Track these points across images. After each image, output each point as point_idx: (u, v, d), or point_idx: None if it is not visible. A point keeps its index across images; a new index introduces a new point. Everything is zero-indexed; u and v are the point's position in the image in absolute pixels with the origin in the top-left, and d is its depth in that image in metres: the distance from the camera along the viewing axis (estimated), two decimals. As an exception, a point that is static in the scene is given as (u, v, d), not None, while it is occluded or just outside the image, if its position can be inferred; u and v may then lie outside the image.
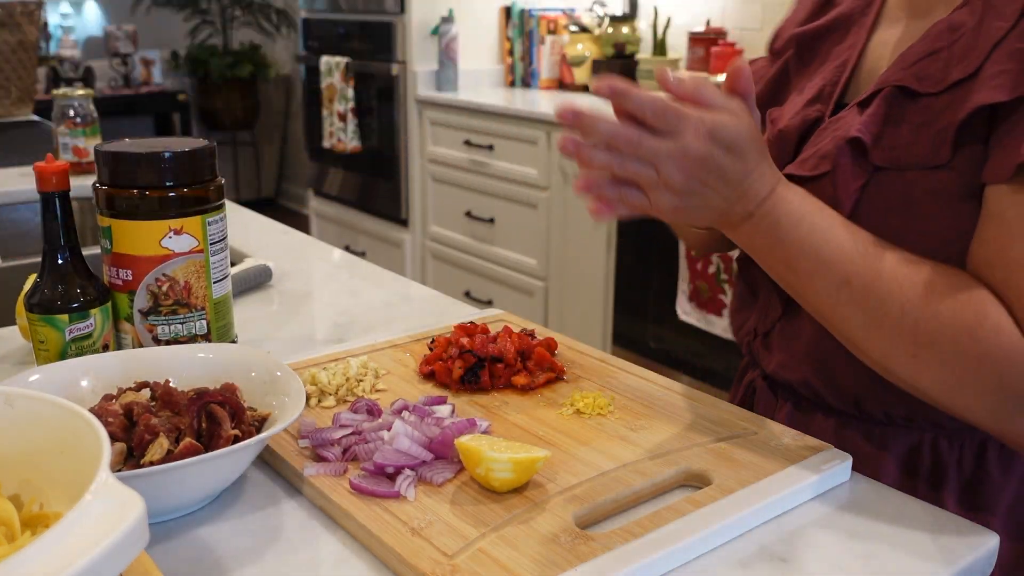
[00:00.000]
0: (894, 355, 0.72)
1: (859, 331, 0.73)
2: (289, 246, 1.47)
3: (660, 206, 0.71)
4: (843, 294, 0.72)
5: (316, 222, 4.30)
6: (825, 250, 0.72)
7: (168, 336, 0.89)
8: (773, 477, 0.72)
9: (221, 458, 0.66)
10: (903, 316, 0.70)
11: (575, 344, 1.00)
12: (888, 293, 0.70)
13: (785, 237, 0.73)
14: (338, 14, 3.85)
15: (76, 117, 1.87)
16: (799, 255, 0.73)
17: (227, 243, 0.93)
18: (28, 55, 2.64)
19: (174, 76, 5.60)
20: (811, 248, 0.72)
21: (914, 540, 0.67)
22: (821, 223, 0.73)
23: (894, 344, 0.71)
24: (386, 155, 3.70)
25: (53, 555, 0.41)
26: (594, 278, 2.94)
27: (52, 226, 0.86)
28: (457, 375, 0.88)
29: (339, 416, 0.79)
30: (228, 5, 5.45)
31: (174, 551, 0.65)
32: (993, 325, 0.67)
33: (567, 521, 0.66)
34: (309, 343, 1.06)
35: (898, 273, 0.71)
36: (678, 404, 0.85)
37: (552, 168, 3.01)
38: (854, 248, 0.72)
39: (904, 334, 0.70)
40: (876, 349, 0.73)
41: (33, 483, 0.55)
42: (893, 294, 0.70)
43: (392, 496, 0.69)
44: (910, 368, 0.71)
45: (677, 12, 3.42)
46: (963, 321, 0.68)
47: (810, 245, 0.72)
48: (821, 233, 0.72)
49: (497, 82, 3.76)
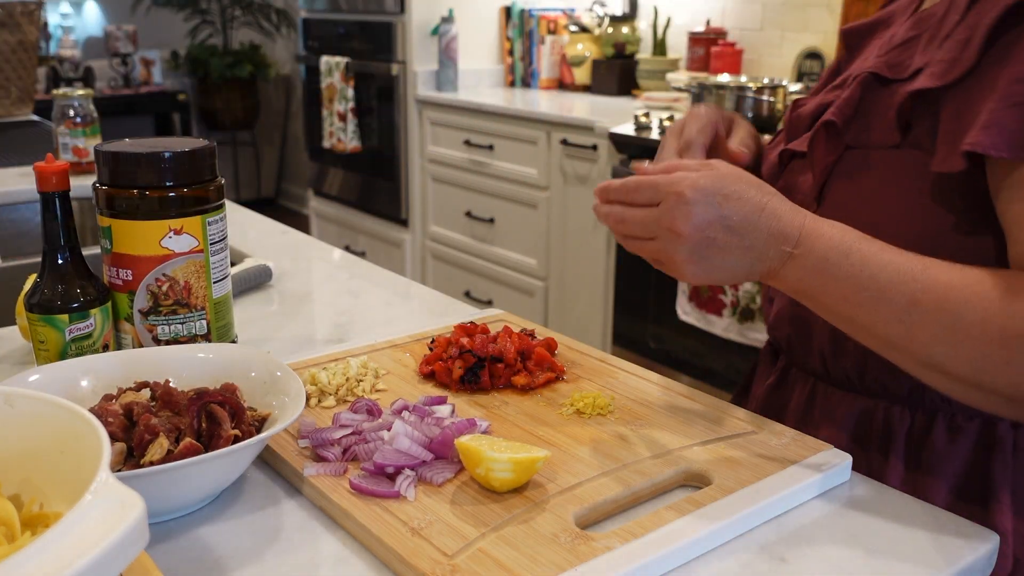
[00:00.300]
0: (986, 366, 0.67)
1: (942, 349, 0.68)
2: (289, 246, 1.47)
3: (682, 275, 0.73)
4: (914, 315, 0.68)
5: (316, 222, 4.30)
6: (883, 275, 0.69)
7: (168, 336, 0.90)
8: (773, 477, 0.72)
9: (221, 458, 0.66)
10: (986, 322, 0.66)
11: (575, 344, 1.00)
12: (963, 302, 0.67)
13: (838, 272, 0.70)
14: (338, 14, 3.85)
15: (76, 117, 1.87)
16: (857, 287, 0.70)
17: (227, 243, 0.93)
18: (28, 55, 2.64)
19: (174, 76, 5.60)
20: (868, 277, 0.69)
21: (914, 540, 0.67)
22: (869, 249, 0.70)
23: (983, 354, 0.67)
24: (386, 155, 3.70)
25: (53, 555, 0.41)
26: (594, 278, 2.94)
27: (52, 226, 0.86)
28: (457, 375, 0.88)
29: (339, 416, 0.79)
30: (228, 5, 5.45)
31: (174, 551, 0.65)
32: None
33: (567, 521, 0.66)
34: (309, 343, 1.06)
35: (965, 280, 0.68)
36: (678, 404, 0.85)
37: (552, 168, 3.01)
38: (911, 266, 0.69)
39: (992, 340, 0.66)
40: (965, 365, 0.68)
41: (33, 483, 0.55)
42: (969, 302, 0.67)
43: (392, 496, 0.69)
44: (1007, 375, 0.67)
45: (677, 12, 3.42)
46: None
47: (867, 274, 0.69)
48: (874, 258, 0.70)
49: (497, 82, 3.76)
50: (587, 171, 2.88)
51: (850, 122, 0.83)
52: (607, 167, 2.77)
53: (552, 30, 3.63)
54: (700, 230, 0.70)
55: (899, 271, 0.69)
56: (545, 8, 3.69)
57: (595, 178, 2.85)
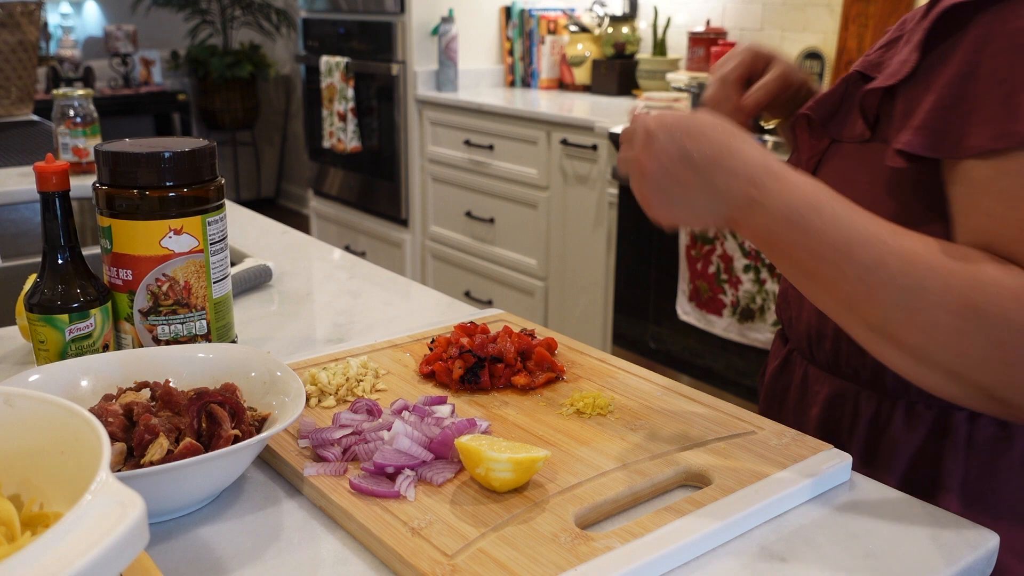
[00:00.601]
0: (938, 335, 0.67)
1: (898, 315, 0.68)
2: (289, 246, 1.47)
3: (651, 212, 0.75)
4: (878, 276, 0.68)
5: (316, 222, 4.30)
6: (853, 234, 0.68)
7: (168, 336, 0.89)
8: (773, 477, 0.72)
9: (221, 458, 0.66)
10: (948, 289, 0.65)
11: (575, 344, 1.00)
12: (928, 269, 0.66)
13: (807, 226, 0.69)
14: (338, 14, 3.85)
15: (76, 117, 1.87)
16: (825, 243, 0.69)
17: (227, 243, 0.93)
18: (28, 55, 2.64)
19: (174, 76, 5.60)
20: (838, 234, 0.69)
21: (914, 540, 0.67)
22: (841, 207, 0.70)
23: (937, 322, 0.66)
24: (386, 155, 3.70)
25: (53, 555, 0.41)
26: (594, 278, 2.94)
27: (52, 226, 0.86)
28: (457, 375, 0.88)
29: (339, 416, 0.79)
30: (228, 5, 5.45)
31: (174, 551, 0.65)
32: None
33: (567, 521, 0.65)
34: (309, 343, 1.06)
35: (931, 249, 0.67)
36: (678, 404, 0.85)
37: (552, 168, 3.01)
38: (881, 230, 0.69)
39: (950, 308, 0.65)
40: (917, 333, 0.68)
41: (33, 483, 0.55)
42: (933, 269, 0.66)
43: (392, 496, 0.69)
44: (955, 346, 0.66)
45: (677, 12, 3.42)
46: (1010, 289, 0.64)
47: (836, 231, 0.69)
48: (846, 216, 0.69)
49: (497, 82, 3.76)
50: (587, 171, 2.88)
51: (830, 116, 0.86)
52: (607, 167, 2.77)
53: (552, 30, 3.63)
54: (662, 165, 0.71)
55: (869, 232, 0.69)
56: (545, 8, 3.69)
57: (595, 178, 2.85)
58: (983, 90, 0.68)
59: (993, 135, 0.67)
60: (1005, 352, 0.65)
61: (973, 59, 0.69)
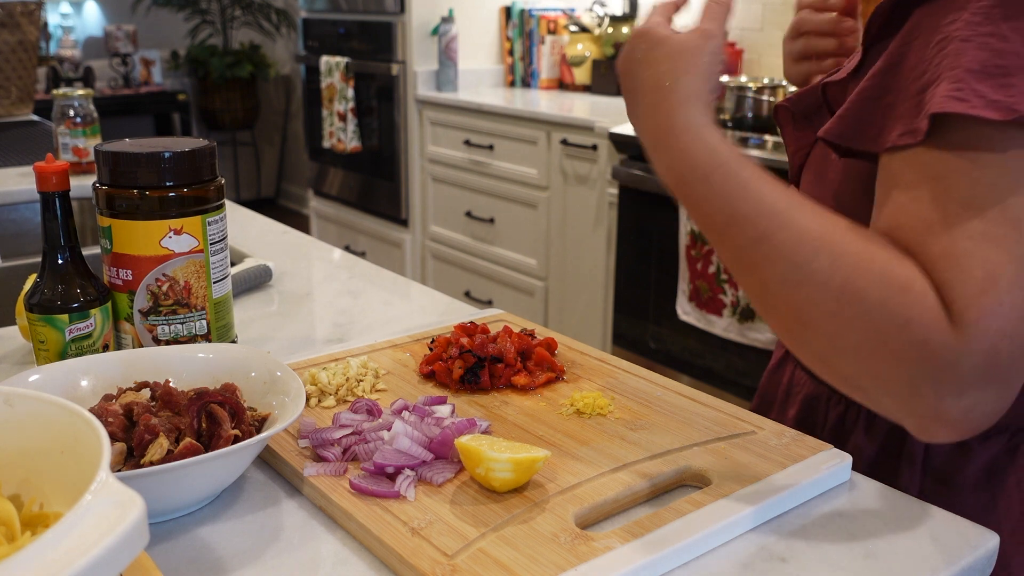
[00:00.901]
0: (813, 314, 0.65)
1: (777, 288, 0.67)
2: (289, 246, 1.47)
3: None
4: (763, 250, 0.67)
5: (316, 222, 4.30)
6: (743, 204, 0.67)
7: (168, 336, 0.89)
8: (773, 477, 0.72)
9: (221, 458, 0.66)
10: (833, 271, 0.64)
11: (575, 344, 1.00)
12: (815, 249, 0.65)
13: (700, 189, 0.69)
14: (338, 14, 3.85)
15: (76, 117, 1.87)
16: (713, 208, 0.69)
17: (227, 243, 0.93)
18: (28, 55, 2.64)
19: (174, 76, 5.60)
20: (726, 201, 0.68)
21: (914, 540, 0.67)
22: (739, 174, 0.68)
23: (814, 300, 0.65)
24: (386, 155, 3.70)
25: (53, 555, 0.41)
26: (594, 278, 2.94)
27: (52, 226, 0.86)
28: (457, 375, 0.88)
29: (339, 416, 0.79)
30: (228, 5, 5.45)
31: (174, 551, 0.65)
32: (921, 289, 0.62)
33: (567, 521, 0.65)
34: (309, 343, 1.06)
35: (825, 229, 0.66)
36: (678, 404, 0.85)
37: (552, 168, 3.01)
38: (775, 204, 0.67)
39: (829, 288, 0.64)
40: (793, 311, 0.66)
41: (33, 483, 0.55)
42: (820, 251, 0.65)
43: (392, 496, 0.69)
44: (827, 328, 0.65)
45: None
46: (896, 279, 0.62)
47: (725, 198, 0.68)
48: (739, 185, 0.68)
49: (497, 82, 3.76)
50: (587, 171, 2.88)
51: (814, 111, 0.86)
52: (607, 167, 2.77)
53: (552, 30, 3.63)
54: (623, 71, 0.76)
55: (760, 204, 0.67)
56: (545, 8, 3.69)
57: (595, 178, 2.85)
58: (903, 83, 0.67)
59: (903, 130, 0.66)
60: (877, 342, 0.62)
61: (900, 51, 0.68)
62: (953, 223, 0.62)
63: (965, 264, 0.60)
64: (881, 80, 0.69)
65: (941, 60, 0.64)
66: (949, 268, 0.61)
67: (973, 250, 0.61)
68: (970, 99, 0.61)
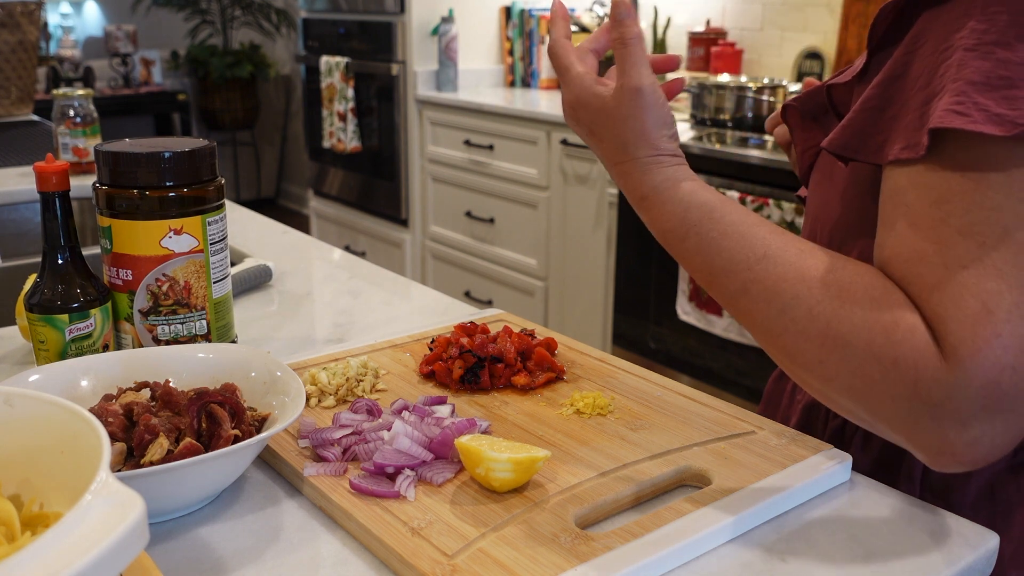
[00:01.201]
0: (801, 360, 0.65)
1: (762, 336, 0.68)
2: (289, 246, 1.47)
3: None
4: (743, 303, 0.68)
5: (316, 222, 4.30)
6: (717, 261, 0.69)
7: (168, 336, 0.89)
8: (773, 477, 0.72)
9: (221, 458, 0.66)
10: (811, 319, 0.64)
11: (575, 344, 1.00)
12: (793, 297, 0.65)
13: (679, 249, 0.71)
14: (338, 14, 3.85)
15: (76, 117, 1.87)
16: (693, 268, 0.71)
17: (227, 243, 0.93)
18: (28, 55, 2.64)
19: (174, 76, 5.60)
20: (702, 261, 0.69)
21: (914, 540, 0.67)
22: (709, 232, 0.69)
23: (800, 349, 0.65)
24: (386, 155, 3.70)
25: (53, 555, 0.41)
26: (594, 278, 2.94)
27: (52, 226, 0.86)
28: (457, 375, 0.88)
29: (339, 416, 0.79)
30: (228, 5, 5.45)
31: (174, 551, 0.65)
32: (908, 326, 0.60)
33: (567, 521, 0.65)
34: (309, 343, 1.06)
35: (801, 275, 0.65)
36: (678, 404, 0.85)
37: (552, 168, 3.01)
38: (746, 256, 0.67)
39: (811, 338, 0.64)
40: (782, 357, 0.67)
41: (33, 483, 0.55)
42: (800, 297, 0.64)
43: (392, 496, 0.69)
44: (818, 373, 0.65)
45: (677, 12, 3.42)
46: (879, 323, 0.61)
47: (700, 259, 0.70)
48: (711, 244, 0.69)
49: (497, 82, 3.76)
50: (587, 171, 2.88)
51: (822, 112, 0.85)
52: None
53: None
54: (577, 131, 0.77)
55: (735, 257, 0.68)
56: (545, 8, 3.69)
57: (595, 178, 2.85)
58: (908, 94, 0.64)
59: (904, 144, 0.63)
60: (868, 384, 0.62)
61: (905, 60, 0.65)
62: (947, 253, 0.60)
63: (958, 296, 0.58)
64: (884, 90, 0.67)
65: (945, 71, 0.62)
66: (942, 301, 0.59)
67: (967, 280, 0.58)
68: (971, 113, 0.58)
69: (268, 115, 5.94)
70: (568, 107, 0.76)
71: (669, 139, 0.73)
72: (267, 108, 5.91)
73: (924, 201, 0.62)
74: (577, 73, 0.75)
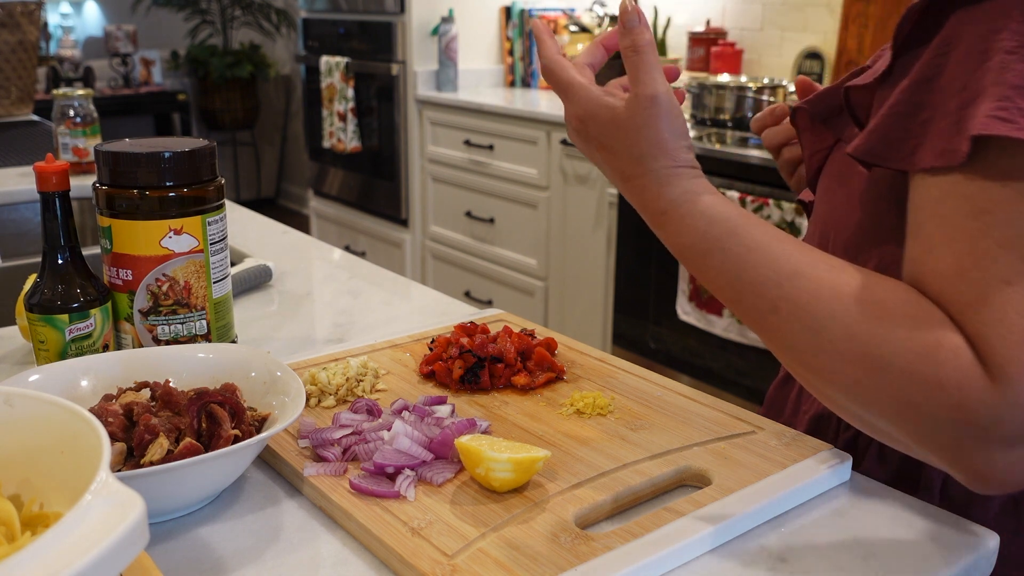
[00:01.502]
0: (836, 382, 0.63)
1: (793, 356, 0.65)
2: (289, 246, 1.47)
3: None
4: (770, 320, 0.65)
5: (316, 222, 4.30)
6: (745, 277, 0.65)
7: (168, 336, 0.89)
8: (773, 477, 0.72)
9: (221, 458, 0.66)
10: (849, 339, 0.61)
11: (575, 344, 1.00)
12: (830, 315, 0.62)
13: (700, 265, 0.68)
14: (338, 14, 3.85)
15: (76, 117, 1.87)
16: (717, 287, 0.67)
17: (227, 243, 0.93)
18: (28, 55, 2.64)
19: (174, 76, 5.60)
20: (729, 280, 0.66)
21: (914, 540, 0.67)
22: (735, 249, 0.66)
23: (835, 371, 0.62)
24: (386, 155, 3.70)
25: (53, 555, 0.41)
26: (594, 278, 2.94)
27: (52, 226, 0.86)
28: (457, 375, 0.88)
29: (339, 416, 0.79)
30: (228, 5, 5.45)
31: (174, 551, 0.65)
32: (952, 346, 0.58)
33: (567, 521, 0.65)
34: (309, 343, 1.06)
35: (835, 293, 0.62)
36: (678, 404, 0.85)
37: (552, 168, 3.01)
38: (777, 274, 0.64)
39: (848, 359, 0.61)
40: (815, 378, 0.64)
41: (33, 483, 0.55)
42: (837, 316, 0.61)
43: (392, 496, 0.69)
44: (854, 394, 0.62)
45: (677, 12, 3.42)
46: (921, 344, 0.58)
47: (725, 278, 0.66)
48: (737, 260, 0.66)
49: (497, 82, 3.76)
50: (587, 171, 2.88)
51: (834, 114, 0.82)
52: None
53: (552, 30, 3.62)
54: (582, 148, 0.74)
55: (765, 273, 0.65)
56: (545, 8, 3.69)
57: (595, 178, 2.85)
58: (942, 98, 0.61)
59: (940, 150, 0.60)
60: (910, 407, 0.59)
61: (937, 62, 0.62)
62: (988, 268, 0.57)
63: (1002, 313, 0.56)
64: (914, 94, 0.64)
65: (983, 74, 0.59)
66: (984, 319, 0.57)
67: (1011, 297, 0.56)
68: (1017, 119, 0.56)
69: (268, 115, 5.94)
70: (575, 121, 0.73)
71: (687, 149, 0.69)
72: (267, 108, 5.91)
73: (962, 212, 0.59)
74: (581, 85, 0.72)
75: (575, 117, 0.73)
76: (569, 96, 0.73)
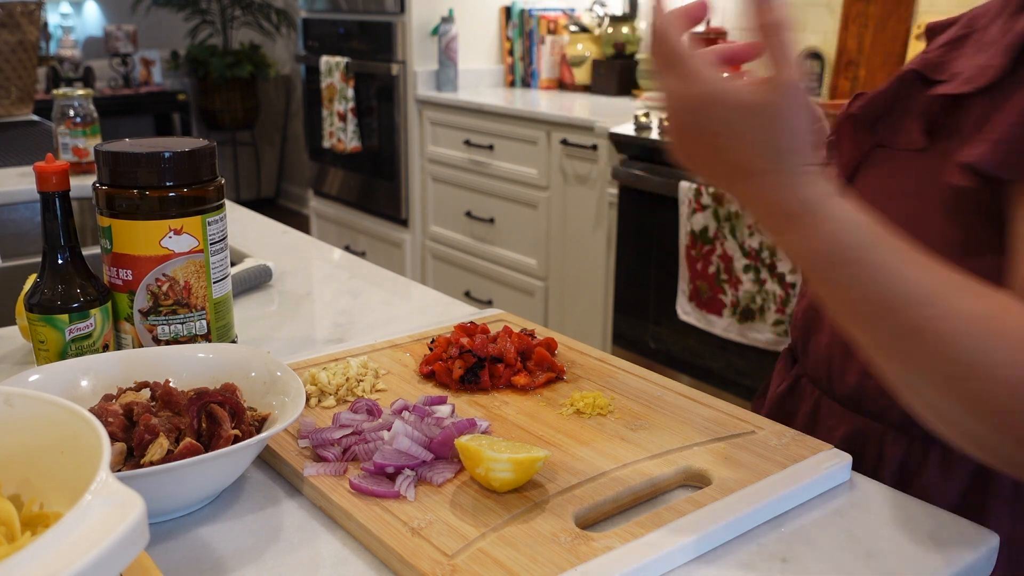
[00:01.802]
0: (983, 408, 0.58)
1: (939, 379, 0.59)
2: (289, 246, 1.47)
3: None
4: (918, 340, 0.59)
5: (316, 222, 4.30)
6: (891, 293, 0.59)
7: (168, 336, 0.89)
8: (773, 477, 0.72)
9: (221, 458, 0.66)
10: (1009, 364, 0.56)
11: (575, 344, 1.00)
12: (992, 335, 0.57)
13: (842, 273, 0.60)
14: (338, 14, 3.85)
15: (76, 117, 1.87)
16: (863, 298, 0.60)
17: (227, 243, 0.93)
18: (28, 55, 2.64)
19: (174, 76, 5.60)
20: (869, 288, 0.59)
21: (914, 540, 0.67)
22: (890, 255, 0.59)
23: (983, 395, 0.57)
24: (386, 155, 3.70)
25: (53, 555, 0.41)
26: (594, 278, 2.94)
27: (52, 226, 0.86)
28: (457, 375, 0.88)
29: (339, 416, 0.79)
30: (228, 5, 5.45)
31: (174, 551, 0.65)
32: None
33: (567, 521, 0.65)
34: (309, 343, 1.06)
35: (992, 312, 0.57)
36: (678, 404, 0.85)
37: (552, 168, 3.01)
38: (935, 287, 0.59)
39: (1006, 383, 0.56)
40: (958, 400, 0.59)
41: (33, 483, 0.55)
42: (991, 338, 0.57)
43: (392, 496, 0.69)
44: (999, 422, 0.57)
45: (677, 12, 3.42)
46: None
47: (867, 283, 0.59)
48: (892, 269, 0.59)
49: (497, 82, 3.76)
50: (587, 171, 2.88)
51: (879, 118, 0.78)
52: (607, 167, 2.77)
53: (552, 30, 3.62)
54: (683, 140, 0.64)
55: (913, 290, 0.58)
56: (545, 8, 3.69)
57: (595, 178, 2.85)
58: None
59: None
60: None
61: None
62: None
63: None
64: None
65: None
66: None
67: None
68: None
69: (268, 115, 5.94)
70: (691, 101, 0.61)
71: (816, 146, 0.62)
72: (267, 108, 5.91)
73: None
74: (703, 63, 0.61)
75: (690, 97, 0.61)
76: (685, 73, 0.61)
